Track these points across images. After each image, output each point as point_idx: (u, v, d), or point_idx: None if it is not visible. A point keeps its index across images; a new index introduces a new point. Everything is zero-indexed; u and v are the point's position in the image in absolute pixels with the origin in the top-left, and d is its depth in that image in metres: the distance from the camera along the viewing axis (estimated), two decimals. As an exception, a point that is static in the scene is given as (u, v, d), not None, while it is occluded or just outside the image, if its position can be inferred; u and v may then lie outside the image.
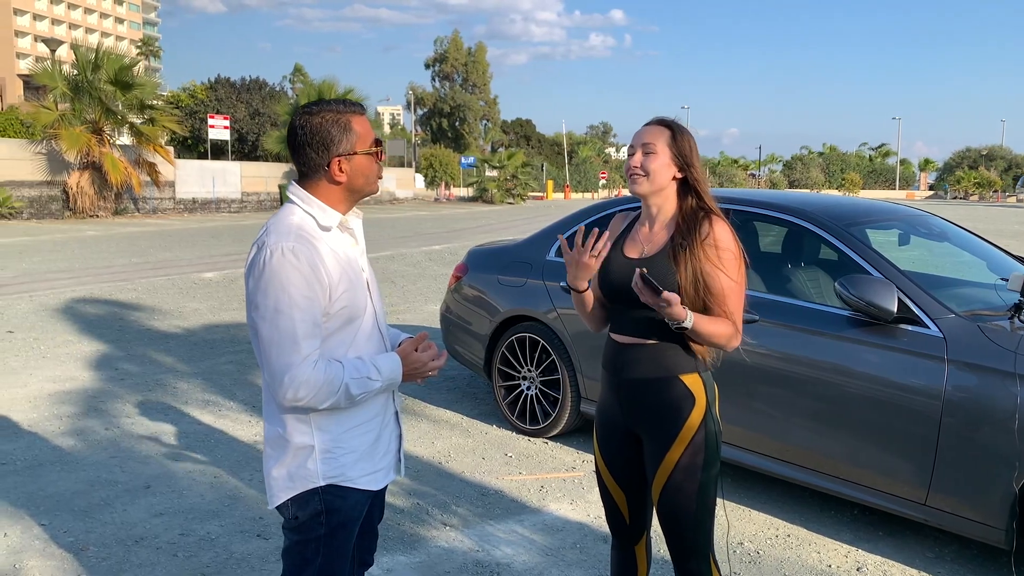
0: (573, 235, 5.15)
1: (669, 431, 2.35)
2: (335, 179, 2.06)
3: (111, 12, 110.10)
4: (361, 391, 2.04)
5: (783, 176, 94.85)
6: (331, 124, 2.03)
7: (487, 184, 50.28)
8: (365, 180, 2.10)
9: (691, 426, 2.34)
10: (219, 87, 45.95)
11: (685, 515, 2.37)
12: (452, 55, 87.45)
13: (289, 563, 2.15)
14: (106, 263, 13.97)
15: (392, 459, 2.26)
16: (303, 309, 1.95)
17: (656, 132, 2.41)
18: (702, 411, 2.35)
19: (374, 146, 2.09)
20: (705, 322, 2.28)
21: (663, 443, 2.36)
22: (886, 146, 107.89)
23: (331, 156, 2.04)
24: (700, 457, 2.34)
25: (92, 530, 3.76)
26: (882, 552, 3.71)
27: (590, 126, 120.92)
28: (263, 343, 1.97)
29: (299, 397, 1.96)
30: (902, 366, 3.53)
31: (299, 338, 1.94)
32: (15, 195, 23.88)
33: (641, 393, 2.41)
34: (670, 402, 2.36)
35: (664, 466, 2.36)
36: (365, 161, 2.08)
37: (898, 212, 4.81)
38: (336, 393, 1.99)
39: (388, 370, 2.10)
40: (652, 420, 2.39)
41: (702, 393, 2.37)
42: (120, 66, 25.09)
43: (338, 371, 2.00)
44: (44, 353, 7.24)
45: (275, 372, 1.96)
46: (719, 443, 2.40)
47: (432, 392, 6.21)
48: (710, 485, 2.38)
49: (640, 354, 2.40)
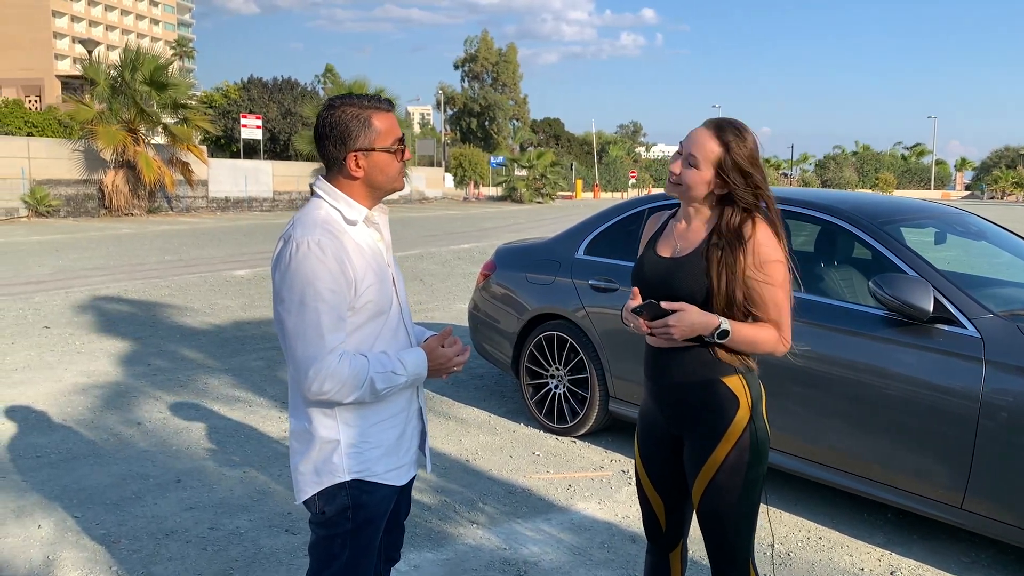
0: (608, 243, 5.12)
1: (713, 432, 2.27)
2: (352, 174, 2.05)
3: (147, 14, 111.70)
4: (386, 385, 2.03)
5: (815, 176, 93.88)
6: (350, 119, 2.03)
7: (516, 183, 50.32)
8: (385, 177, 2.08)
9: (735, 428, 2.25)
10: (252, 87, 46.44)
11: (725, 519, 2.30)
12: (482, 55, 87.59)
13: (316, 558, 2.16)
14: (140, 260, 14.16)
15: (415, 455, 2.26)
16: (328, 302, 1.95)
17: (707, 147, 2.23)
18: (747, 413, 2.27)
19: (396, 144, 2.07)
20: (744, 328, 2.19)
21: (707, 445, 2.28)
22: (921, 145, 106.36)
23: (347, 151, 2.03)
24: (744, 460, 2.26)
25: (124, 523, 3.81)
26: (916, 556, 3.64)
27: (620, 125, 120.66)
28: (289, 336, 1.97)
29: (324, 390, 1.96)
30: (938, 367, 3.46)
31: (324, 331, 1.94)
32: (52, 193, 24.30)
33: (682, 397, 2.33)
34: (713, 404, 2.27)
35: (707, 468, 2.29)
36: (384, 158, 2.06)
37: (934, 210, 4.72)
38: (361, 387, 1.99)
39: (413, 365, 2.09)
40: (695, 422, 2.32)
41: (745, 395, 2.28)
42: (155, 66, 25.43)
43: (363, 365, 1.99)
44: (79, 348, 7.35)
45: (300, 364, 1.96)
46: (766, 447, 2.31)
47: (459, 390, 6.21)
48: (753, 490, 2.29)
49: (678, 358, 2.31)
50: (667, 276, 2.30)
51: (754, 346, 2.23)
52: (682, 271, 2.27)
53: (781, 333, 2.24)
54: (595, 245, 5.14)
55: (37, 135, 32.54)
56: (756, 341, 2.22)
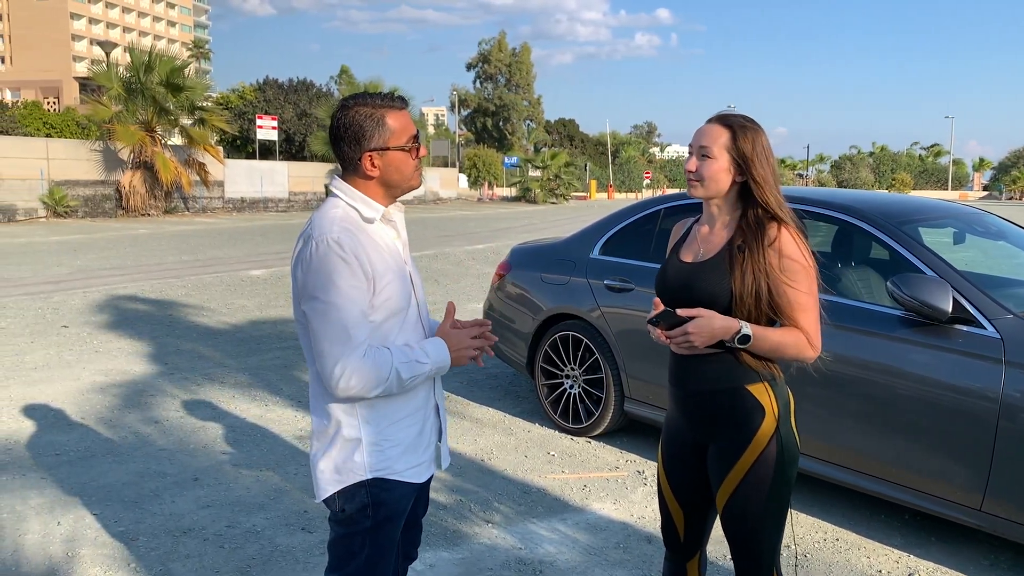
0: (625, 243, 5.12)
1: (738, 441, 2.23)
2: (367, 174, 2.06)
3: (163, 16, 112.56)
4: (411, 375, 2.03)
5: (831, 176, 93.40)
6: (364, 118, 2.03)
7: (530, 184, 50.33)
8: (400, 176, 2.09)
9: (761, 438, 2.21)
10: (267, 88, 46.68)
11: (749, 528, 2.26)
12: (495, 56, 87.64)
13: (335, 555, 2.16)
14: (157, 260, 14.26)
15: (434, 452, 2.27)
16: (352, 299, 1.96)
17: (714, 133, 2.22)
18: (773, 422, 2.21)
19: (411, 142, 2.08)
20: (768, 333, 2.15)
21: (731, 454, 2.24)
22: (938, 146, 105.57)
23: (362, 151, 2.04)
24: (770, 471, 2.21)
25: (142, 520, 3.83)
26: (934, 558, 3.61)
27: (634, 126, 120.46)
28: (314, 335, 1.98)
29: (351, 386, 1.97)
30: (957, 367, 3.43)
31: (349, 328, 1.95)
32: (70, 194, 24.51)
33: (706, 405, 2.28)
34: (738, 413, 2.23)
35: (731, 477, 2.24)
36: (399, 157, 2.07)
37: (953, 210, 4.68)
38: (387, 380, 1.99)
39: (435, 352, 2.10)
40: (720, 430, 2.27)
41: (772, 403, 2.22)
42: (171, 68, 25.62)
43: (387, 357, 2.00)
44: (97, 347, 7.41)
45: (326, 363, 1.97)
46: (793, 458, 2.25)
47: (474, 390, 6.22)
48: (778, 500, 2.24)
49: (702, 365, 2.26)
50: (689, 280, 2.27)
51: (779, 351, 2.17)
52: (704, 274, 2.23)
53: (809, 338, 2.19)
54: (610, 245, 5.13)
55: (55, 136, 32.83)
56: (781, 345, 2.17)
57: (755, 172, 2.20)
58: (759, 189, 2.21)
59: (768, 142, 2.24)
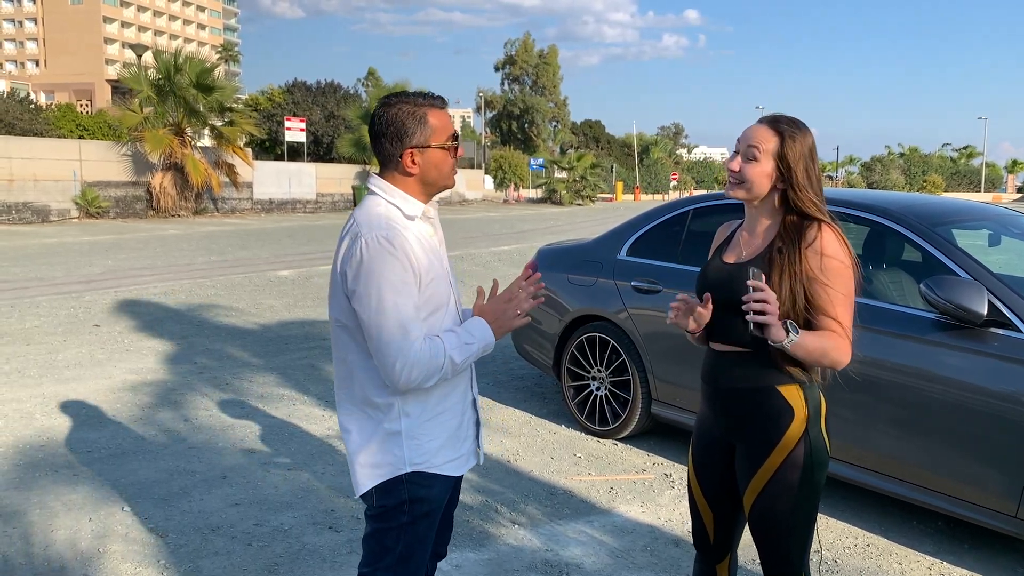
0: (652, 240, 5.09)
1: (765, 442, 2.22)
2: (408, 171, 2.08)
3: (194, 19, 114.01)
4: (463, 357, 2.06)
5: (861, 178, 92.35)
6: (407, 116, 2.05)
7: (556, 185, 50.29)
8: (439, 174, 2.11)
9: (789, 440, 2.19)
10: (296, 91, 47.08)
11: (776, 530, 2.24)
12: (521, 57, 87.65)
13: (369, 550, 2.17)
14: (186, 261, 14.42)
15: (471, 445, 2.27)
16: (405, 295, 1.98)
17: (763, 136, 2.21)
18: (802, 425, 2.20)
19: (450, 140, 2.10)
20: (811, 337, 2.12)
21: (758, 454, 2.23)
22: (971, 147, 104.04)
23: (404, 148, 2.06)
24: (796, 473, 2.19)
25: (171, 517, 3.87)
26: (967, 566, 3.55)
27: (661, 127, 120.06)
28: (370, 333, 1.99)
29: (412, 379, 1.98)
30: (992, 371, 3.37)
31: (405, 322, 1.97)
32: (102, 195, 24.85)
33: (736, 403, 2.28)
34: (766, 413, 2.22)
35: (758, 478, 2.23)
36: (439, 155, 2.09)
37: (988, 212, 4.61)
38: (443, 367, 2.01)
39: (479, 331, 2.11)
40: (748, 430, 2.26)
41: (802, 406, 2.21)
42: (201, 70, 25.90)
43: (439, 346, 2.02)
44: (127, 346, 7.50)
45: (386, 359, 1.98)
46: (822, 462, 2.23)
47: (501, 391, 6.22)
48: (806, 504, 2.22)
49: (737, 363, 2.27)
50: (729, 280, 2.26)
51: (822, 355, 2.14)
52: (744, 275, 2.20)
53: (845, 344, 2.17)
54: (638, 246, 5.10)
55: (88, 138, 33.32)
56: (824, 350, 2.14)
57: (797, 180, 2.19)
58: (799, 195, 2.20)
59: (814, 145, 2.23)
